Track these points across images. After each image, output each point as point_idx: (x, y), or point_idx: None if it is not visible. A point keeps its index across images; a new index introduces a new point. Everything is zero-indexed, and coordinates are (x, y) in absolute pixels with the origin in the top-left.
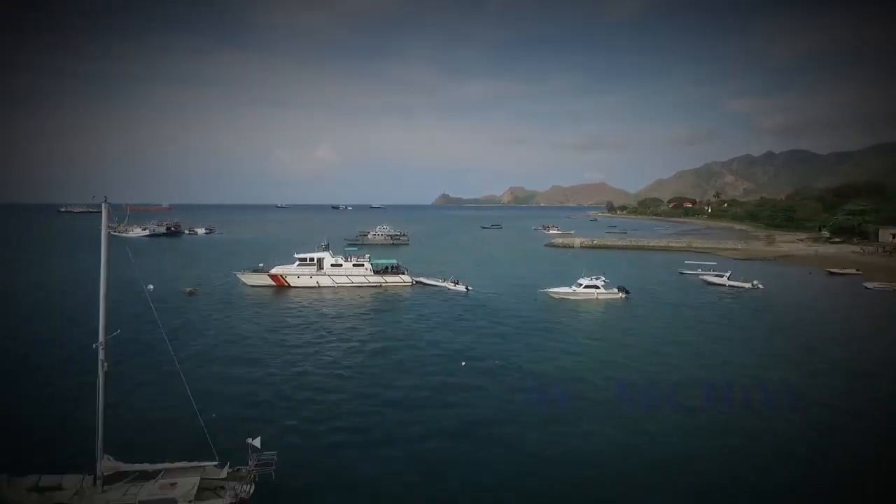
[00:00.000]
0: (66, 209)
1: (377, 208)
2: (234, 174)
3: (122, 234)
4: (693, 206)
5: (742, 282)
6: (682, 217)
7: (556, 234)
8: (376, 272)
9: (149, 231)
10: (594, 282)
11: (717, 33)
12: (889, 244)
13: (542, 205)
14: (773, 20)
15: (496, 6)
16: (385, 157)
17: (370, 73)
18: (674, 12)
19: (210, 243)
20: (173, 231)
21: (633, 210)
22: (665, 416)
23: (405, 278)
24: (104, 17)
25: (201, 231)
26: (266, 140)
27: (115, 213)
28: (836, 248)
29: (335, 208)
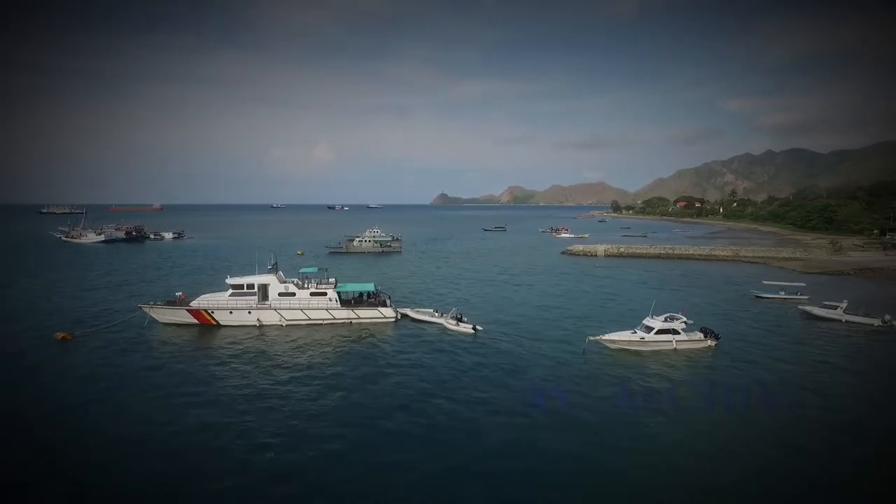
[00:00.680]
0: (47, 210)
1: (374, 208)
2: (232, 174)
3: (74, 241)
4: (700, 205)
5: (864, 316)
6: (694, 217)
7: (567, 237)
8: (345, 302)
9: (104, 236)
10: (670, 323)
11: (716, 33)
12: None
13: (541, 204)
14: (773, 20)
15: (494, 6)
16: (383, 157)
17: (368, 73)
18: (673, 12)
19: (173, 251)
20: (134, 236)
21: (641, 210)
22: None
23: (386, 312)
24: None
25: (168, 235)
26: (264, 140)
27: (99, 214)
28: None
29: (331, 208)
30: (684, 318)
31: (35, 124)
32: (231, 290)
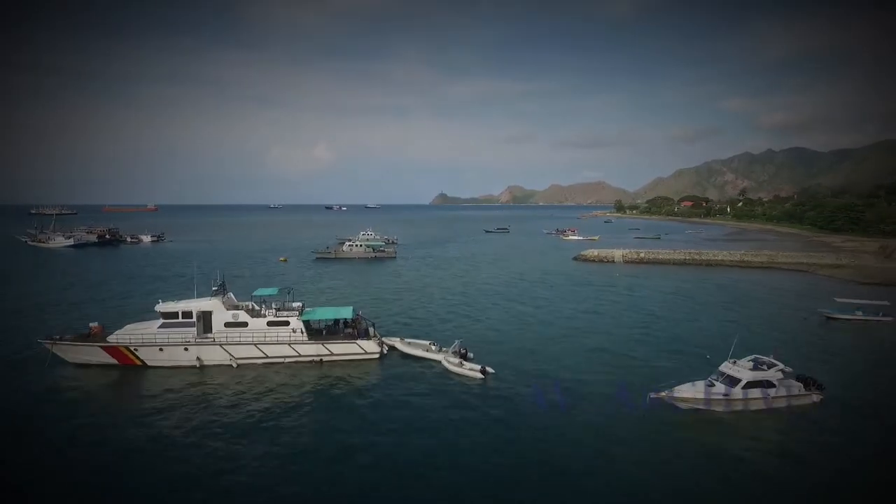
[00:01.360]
0: (36, 211)
1: (373, 208)
2: (231, 174)
3: (41, 245)
4: (704, 205)
5: None
6: (702, 217)
7: (576, 239)
8: (315, 333)
9: (74, 240)
10: (763, 372)
11: (716, 33)
12: None
13: (540, 204)
14: (772, 19)
15: (492, 5)
16: (382, 157)
17: (366, 73)
18: (671, 12)
19: (148, 256)
20: (108, 239)
21: (646, 209)
22: None
23: (367, 346)
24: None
25: (146, 239)
26: (263, 140)
27: (92, 215)
28: None
29: (329, 209)
30: (780, 365)
31: (31, 124)
32: (162, 320)
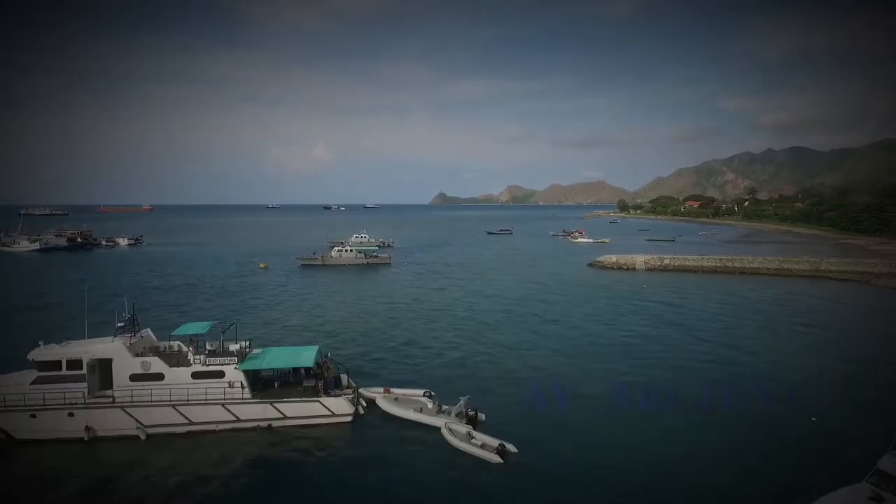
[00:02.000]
0: (26, 212)
1: (371, 208)
2: (229, 174)
3: (6, 249)
4: (711, 204)
5: None
6: (709, 217)
7: (585, 242)
8: (260, 388)
9: (40, 244)
10: None
11: (715, 32)
12: None
13: (540, 204)
14: (771, 19)
15: (492, 5)
16: (381, 157)
17: (366, 73)
18: (671, 11)
19: (122, 262)
20: (80, 243)
21: (650, 209)
22: None
23: (335, 405)
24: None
25: (123, 242)
26: (262, 140)
27: (87, 215)
28: None
29: (327, 209)
30: None
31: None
32: (37, 373)
